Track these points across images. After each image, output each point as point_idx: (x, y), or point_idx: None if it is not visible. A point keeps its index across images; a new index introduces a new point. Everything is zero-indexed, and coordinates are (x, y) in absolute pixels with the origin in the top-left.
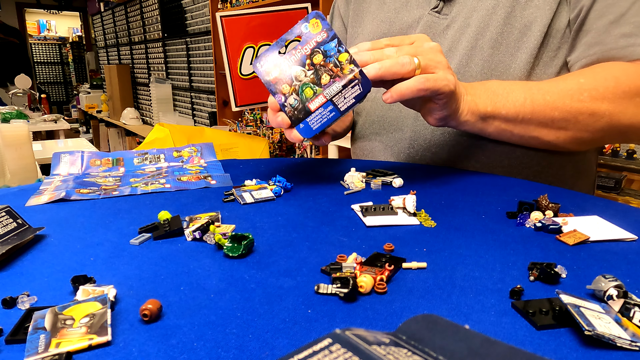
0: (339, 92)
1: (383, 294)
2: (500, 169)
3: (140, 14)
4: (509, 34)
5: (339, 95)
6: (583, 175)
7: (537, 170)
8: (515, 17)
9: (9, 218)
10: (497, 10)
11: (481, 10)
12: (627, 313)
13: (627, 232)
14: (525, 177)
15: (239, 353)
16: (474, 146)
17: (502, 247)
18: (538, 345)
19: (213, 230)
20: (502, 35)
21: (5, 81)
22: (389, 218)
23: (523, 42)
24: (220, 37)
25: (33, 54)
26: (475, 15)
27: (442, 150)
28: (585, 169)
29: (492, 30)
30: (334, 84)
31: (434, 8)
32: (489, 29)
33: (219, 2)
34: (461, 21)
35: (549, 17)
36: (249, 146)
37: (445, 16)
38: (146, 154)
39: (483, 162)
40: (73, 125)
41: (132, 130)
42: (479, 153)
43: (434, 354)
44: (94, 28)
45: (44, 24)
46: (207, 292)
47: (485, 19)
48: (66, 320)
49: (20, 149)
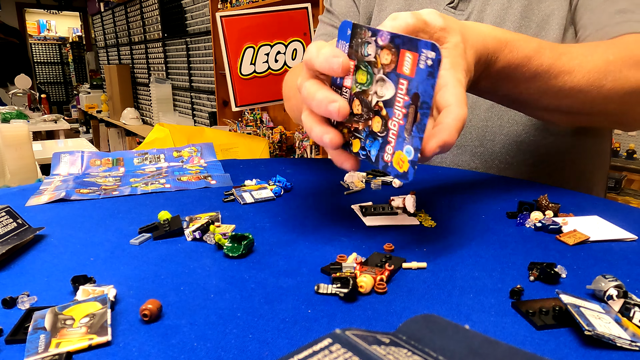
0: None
1: (383, 294)
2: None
3: (140, 14)
4: (526, 29)
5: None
6: (601, 168)
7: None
8: (532, 11)
9: (9, 218)
10: (513, 4)
11: (496, 4)
12: (627, 313)
13: (627, 232)
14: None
15: (239, 353)
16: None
17: (502, 247)
18: (538, 345)
19: (213, 230)
20: (520, 30)
21: (5, 81)
22: (389, 218)
23: (542, 36)
24: (220, 37)
25: (33, 54)
26: (490, 10)
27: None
28: (603, 162)
29: (509, 26)
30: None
31: (450, 3)
32: (505, 24)
33: (219, 2)
34: (476, 16)
35: (566, 9)
36: (249, 146)
37: (461, 12)
38: (146, 154)
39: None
40: (73, 125)
41: (132, 130)
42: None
43: (434, 354)
44: (94, 28)
45: (44, 24)
46: (207, 292)
47: (501, 14)
48: (66, 320)
49: (20, 149)
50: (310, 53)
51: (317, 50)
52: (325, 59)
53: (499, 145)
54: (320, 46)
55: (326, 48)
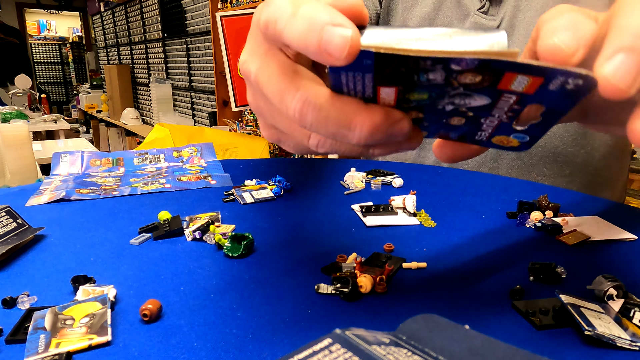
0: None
1: (383, 294)
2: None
3: (140, 14)
4: None
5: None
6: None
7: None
8: None
9: (9, 218)
10: (547, 10)
11: (529, 11)
12: (627, 313)
13: (627, 232)
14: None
15: (239, 353)
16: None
17: (502, 247)
18: (538, 345)
19: (213, 230)
20: None
21: (5, 81)
22: (389, 218)
23: None
24: (220, 37)
25: (33, 54)
26: (522, 16)
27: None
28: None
29: None
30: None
31: (480, 9)
32: None
33: (219, 2)
34: (507, 22)
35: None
36: (249, 146)
37: (492, 17)
38: (146, 154)
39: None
40: (73, 125)
41: (132, 130)
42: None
43: (434, 354)
44: (94, 28)
45: (44, 24)
46: (207, 292)
47: (533, 22)
48: (66, 320)
49: (20, 149)
50: (276, 9)
51: (292, 6)
52: (308, 28)
53: (536, 158)
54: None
55: (309, 5)
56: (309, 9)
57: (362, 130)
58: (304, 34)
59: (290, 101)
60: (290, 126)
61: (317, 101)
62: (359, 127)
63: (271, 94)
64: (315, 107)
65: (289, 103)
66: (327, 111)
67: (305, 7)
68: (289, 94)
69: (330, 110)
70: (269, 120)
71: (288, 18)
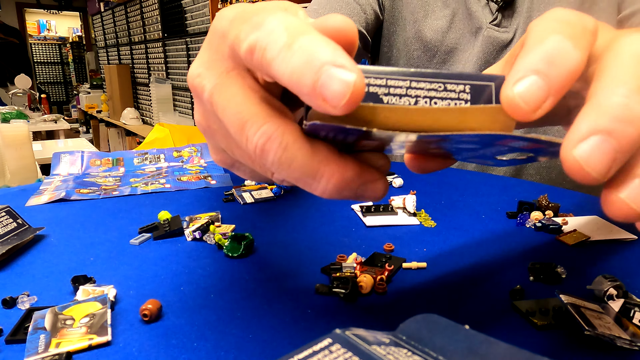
0: None
1: (383, 294)
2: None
3: (140, 14)
4: None
5: None
6: None
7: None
8: None
9: (9, 218)
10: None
11: None
12: (627, 313)
13: (627, 232)
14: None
15: (239, 353)
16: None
17: (502, 247)
18: (538, 345)
19: (213, 230)
20: None
21: (5, 81)
22: (389, 218)
23: None
24: None
25: (33, 54)
26: None
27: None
28: None
29: None
30: None
31: (493, 21)
32: None
33: (219, 2)
34: (520, 34)
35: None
36: None
37: (505, 29)
38: (146, 154)
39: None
40: (73, 125)
41: (132, 130)
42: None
43: (434, 354)
44: (94, 28)
45: (44, 24)
46: (207, 292)
47: None
48: (66, 320)
49: (20, 149)
50: (268, 34)
51: (288, 35)
52: (304, 64)
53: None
54: (295, 26)
55: (309, 36)
56: (308, 42)
57: (329, 183)
58: (297, 70)
59: (252, 134)
60: (249, 158)
61: (283, 140)
62: (325, 179)
63: (229, 121)
64: (280, 146)
65: (250, 136)
66: (293, 153)
67: (305, 39)
68: (252, 125)
69: (297, 153)
70: (221, 145)
71: (282, 48)
